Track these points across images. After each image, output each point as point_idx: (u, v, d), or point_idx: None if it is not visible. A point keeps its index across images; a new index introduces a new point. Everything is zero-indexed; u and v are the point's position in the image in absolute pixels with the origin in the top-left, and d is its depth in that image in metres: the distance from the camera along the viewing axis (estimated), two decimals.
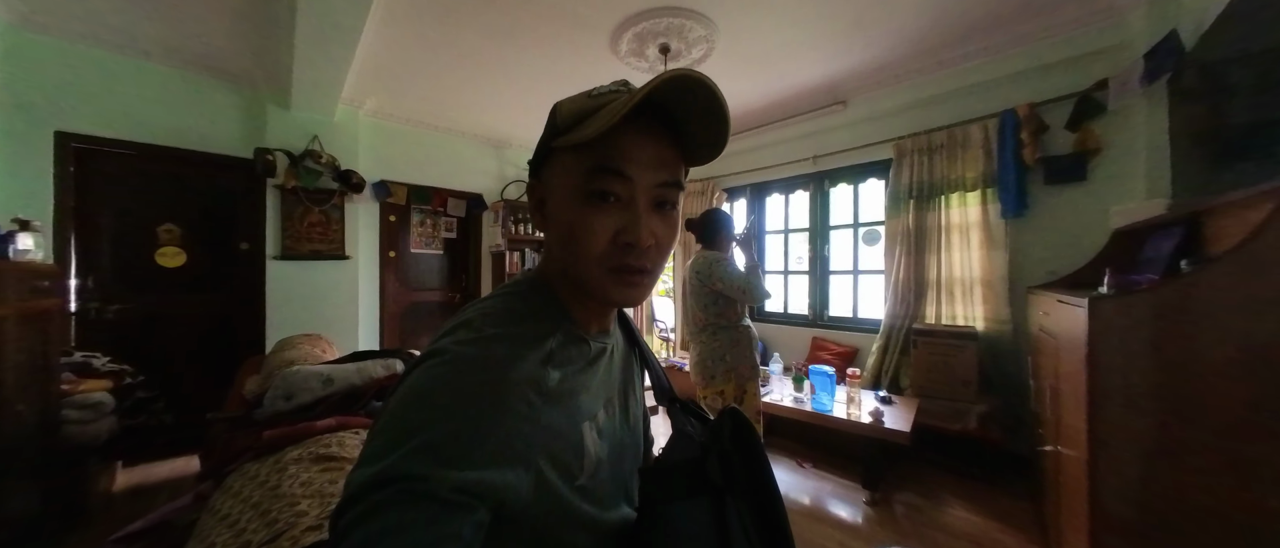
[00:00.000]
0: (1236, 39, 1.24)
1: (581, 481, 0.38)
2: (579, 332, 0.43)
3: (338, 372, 1.10)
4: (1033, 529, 1.78)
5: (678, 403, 0.54)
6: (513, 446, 0.32)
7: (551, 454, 0.36)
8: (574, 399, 0.39)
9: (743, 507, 0.42)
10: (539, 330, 0.39)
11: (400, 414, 0.32)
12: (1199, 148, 1.50)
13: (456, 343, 0.35)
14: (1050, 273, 2.17)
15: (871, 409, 2.14)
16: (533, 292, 0.43)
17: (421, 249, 3.66)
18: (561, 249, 0.41)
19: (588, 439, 0.40)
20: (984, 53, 2.43)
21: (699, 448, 0.46)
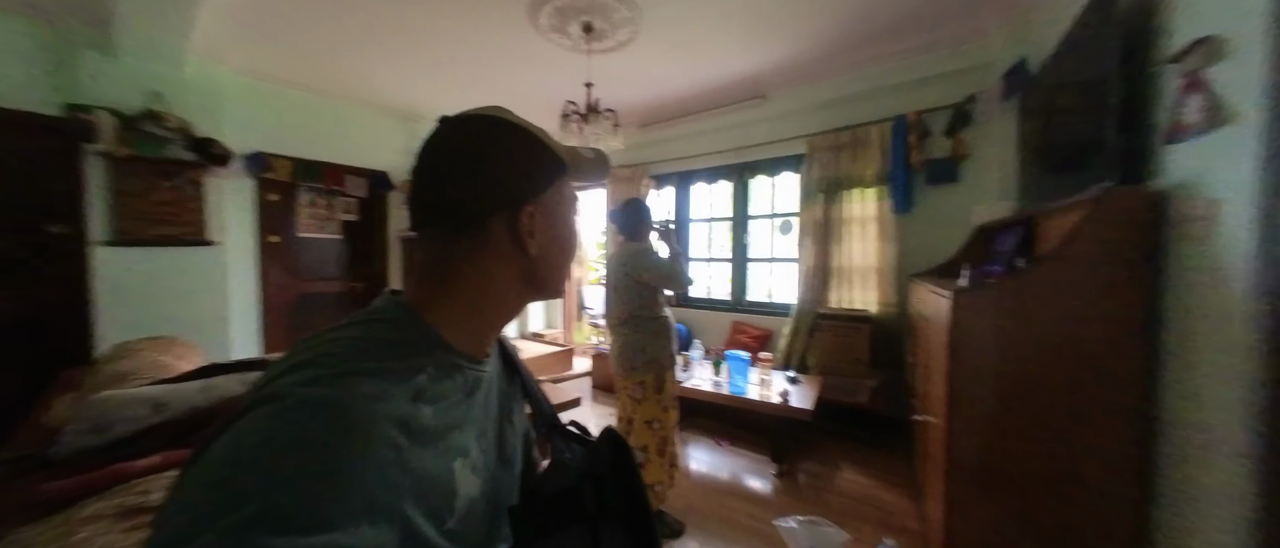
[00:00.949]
0: (1066, 70, 1.48)
1: (451, 524, 0.35)
2: (455, 360, 0.40)
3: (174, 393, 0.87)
4: (908, 486, 2.06)
5: (558, 429, 0.51)
6: (376, 498, 0.28)
7: (420, 500, 0.32)
8: (446, 437, 0.36)
9: (619, 532, 0.41)
10: (409, 364, 0.35)
11: (223, 477, 0.26)
12: (1037, 159, 1.78)
13: (301, 385, 0.30)
14: (928, 263, 2.48)
15: (781, 389, 2.31)
16: (400, 319, 0.39)
17: (314, 233, 3.22)
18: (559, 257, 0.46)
19: (460, 478, 0.37)
20: (882, 60, 2.65)
21: (574, 476, 0.44)
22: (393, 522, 0.29)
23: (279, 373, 0.31)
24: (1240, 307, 0.78)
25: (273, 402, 0.29)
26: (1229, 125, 0.83)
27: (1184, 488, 0.93)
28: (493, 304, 0.43)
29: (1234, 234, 0.81)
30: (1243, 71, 0.79)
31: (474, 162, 0.41)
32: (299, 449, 0.27)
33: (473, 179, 0.41)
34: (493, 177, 0.41)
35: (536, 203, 0.43)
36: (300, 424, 0.28)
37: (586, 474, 0.44)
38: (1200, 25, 0.91)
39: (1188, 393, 0.93)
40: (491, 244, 0.41)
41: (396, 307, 0.40)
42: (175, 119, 2.34)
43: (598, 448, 0.47)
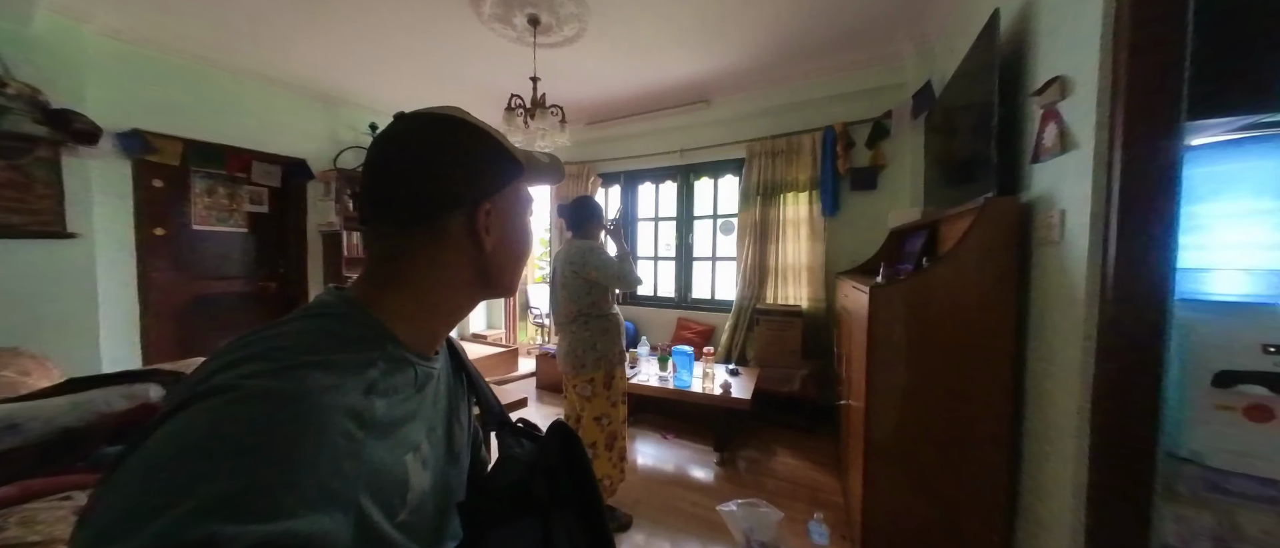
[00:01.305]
0: (961, 94, 1.70)
1: (403, 516, 0.36)
2: (405, 356, 0.40)
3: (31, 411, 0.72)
4: (834, 465, 2.27)
5: (507, 425, 0.52)
6: (331, 486, 0.29)
7: (373, 490, 0.32)
8: (399, 430, 0.37)
9: (571, 520, 0.43)
10: (360, 357, 0.35)
11: (168, 467, 0.24)
12: (939, 170, 2.04)
13: (249, 377, 0.29)
14: (851, 262, 2.73)
15: (722, 382, 2.43)
16: (348, 313, 0.38)
17: (212, 226, 2.85)
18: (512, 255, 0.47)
19: (412, 471, 0.37)
20: (814, 74, 2.87)
21: (526, 469, 0.46)
22: (347, 512, 0.30)
23: (219, 368, 0.30)
24: (1079, 296, 0.96)
25: (218, 394, 0.28)
26: (1073, 150, 1.01)
27: (1039, 446, 1.13)
28: (444, 301, 0.43)
29: (1075, 238, 0.99)
30: (1082, 107, 0.97)
31: (432, 158, 0.41)
32: (252, 438, 0.26)
33: (431, 176, 0.41)
34: (451, 174, 0.41)
35: (493, 201, 0.43)
36: (252, 414, 0.27)
37: (537, 467, 0.46)
38: (1055, 66, 1.10)
39: (1044, 368, 1.13)
40: (447, 241, 0.42)
41: (343, 302, 0.39)
42: (18, 84, 1.96)
43: (547, 441, 0.49)
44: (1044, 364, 1.13)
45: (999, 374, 1.24)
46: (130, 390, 0.85)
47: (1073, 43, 1.02)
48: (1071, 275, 1.00)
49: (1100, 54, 0.90)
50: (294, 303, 3.21)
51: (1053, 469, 1.06)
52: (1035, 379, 1.17)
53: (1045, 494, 1.10)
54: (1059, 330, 1.06)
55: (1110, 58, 0.88)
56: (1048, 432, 1.10)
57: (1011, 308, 1.22)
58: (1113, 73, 0.87)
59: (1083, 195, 0.96)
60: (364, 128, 3.38)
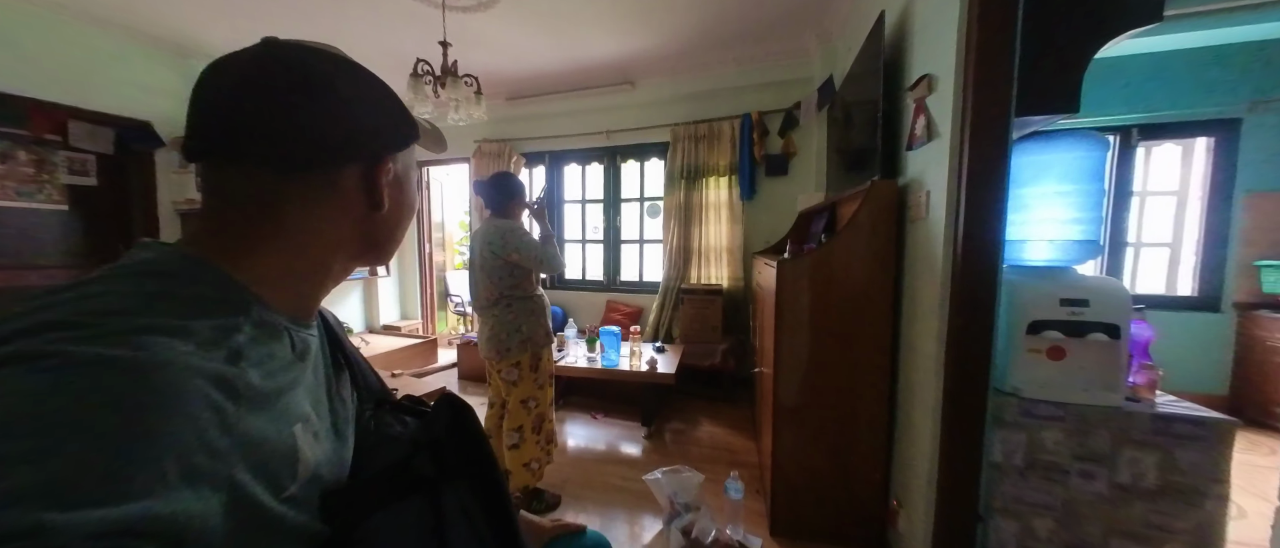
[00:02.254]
0: (854, 90, 1.90)
1: (292, 490, 0.32)
2: (276, 320, 0.35)
3: None
4: (750, 430, 2.46)
5: (387, 404, 0.49)
6: (194, 461, 0.24)
7: (253, 465, 0.28)
8: (280, 400, 0.33)
9: (464, 492, 0.42)
10: (218, 322, 0.30)
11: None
12: (838, 157, 2.26)
13: (69, 343, 0.23)
14: (766, 242, 2.94)
15: (649, 359, 2.50)
16: (190, 272, 0.32)
17: (11, 202, 2.24)
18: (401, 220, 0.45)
19: (302, 442, 0.33)
20: (731, 63, 3.00)
21: (406, 447, 0.43)
22: (218, 488, 0.26)
23: (19, 332, 0.24)
24: (938, 264, 1.14)
25: (25, 362, 0.22)
26: (936, 139, 1.18)
27: (908, 392, 1.33)
28: (319, 262, 0.39)
29: (936, 215, 1.16)
30: (942, 102, 1.13)
31: (334, 99, 0.36)
32: (86, 409, 0.22)
33: (333, 117, 0.36)
34: (358, 121, 0.37)
35: (396, 159, 0.42)
36: (83, 383, 0.23)
37: (420, 443, 0.43)
38: (925, 65, 1.26)
39: (912, 325, 1.32)
40: (335, 195, 0.37)
41: (180, 258, 0.33)
42: None
43: (434, 415, 0.46)
44: (913, 323, 1.32)
45: (879, 333, 1.42)
46: None
47: (937, 45, 1.18)
48: (933, 247, 1.18)
49: (956, 57, 1.06)
50: None
51: (917, 412, 1.26)
52: (907, 336, 1.37)
53: (911, 434, 1.31)
54: (924, 294, 1.24)
55: (962, 60, 1.04)
56: (914, 379, 1.30)
57: (890, 276, 1.41)
58: (964, 74, 1.03)
59: (942, 178, 1.12)
60: None
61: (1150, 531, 1.00)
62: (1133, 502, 1.01)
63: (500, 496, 0.43)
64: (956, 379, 1.08)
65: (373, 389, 0.50)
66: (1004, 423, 1.07)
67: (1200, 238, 2.64)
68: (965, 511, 1.09)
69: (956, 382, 1.08)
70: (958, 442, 1.08)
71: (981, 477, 1.08)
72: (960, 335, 1.07)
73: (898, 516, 1.37)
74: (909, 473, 1.32)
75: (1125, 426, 1.00)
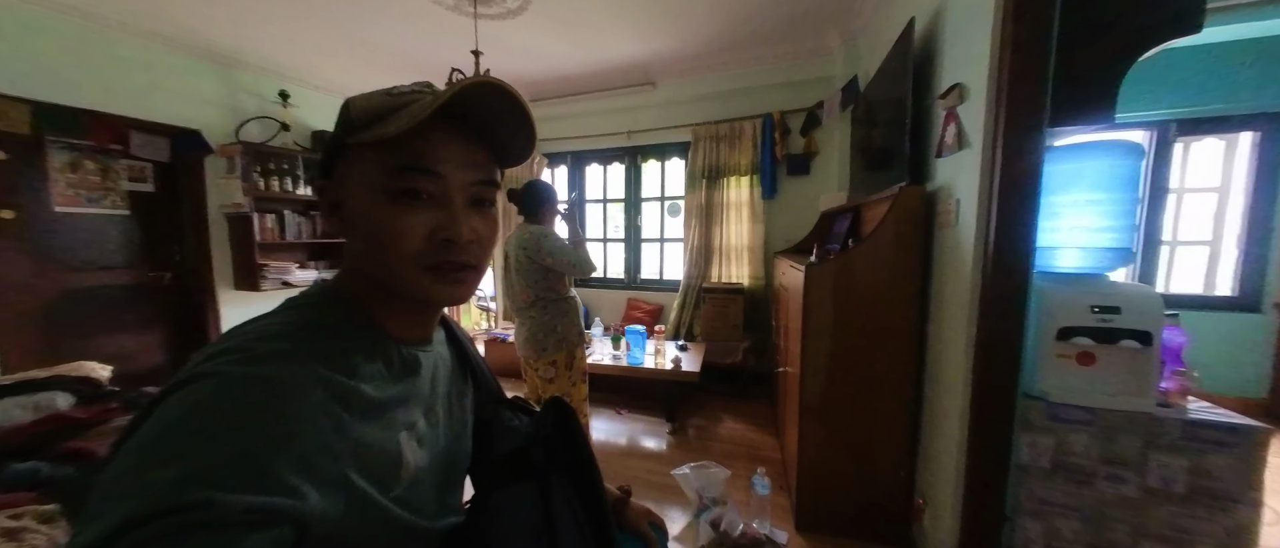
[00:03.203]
0: (881, 90, 1.90)
1: (398, 491, 0.38)
2: (390, 343, 0.41)
3: None
4: (771, 427, 2.51)
5: (504, 401, 0.56)
6: (315, 460, 0.29)
7: (363, 467, 0.34)
8: (389, 412, 0.38)
9: (566, 483, 0.48)
10: (340, 344, 0.36)
11: (148, 448, 0.26)
12: (862, 159, 2.27)
13: (231, 364, 0.30)
14: (787, 242, 2.96)
15: (672, 357, 2.56)
16: (328, 305, 0.39)
17: (80, 207, 2.41)
18: (368, 253, 0.38)
19: (406, 449, 0.39)
20: (753, 63, 3.00)
21: (524, 439, 0.50)
22: (336, 487, 0.31)
23: (203, 359, 0.31)
24: (967, 269, 1.16)
25: (202, 380, 0.29)
26: (966, 148, 1.20)
27: (934, 394, 1.36)
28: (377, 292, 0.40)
29: (966, 222, 1.19)
30: (974, 111, 1.15)
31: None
32: (236, 415, 0.27)
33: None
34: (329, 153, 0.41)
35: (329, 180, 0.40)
36: (235, 394, 0.28)
37: (534, 437, 0.50)
38: (956, 74, 1.28)
39: (939, 330, 1.35)
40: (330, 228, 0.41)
41: (322, 292, 0.40)
42: None
43: (542, 415, 0.53)
44: (939, 327, 1.35)
45: (904, 336, 1.45)
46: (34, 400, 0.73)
47: (968, 55, 1.20)
48: (962, 254, 1.20)
49: (989, 68, 1.07)
50: (193, 295, 2.84)
51: (943, 413, 1.29)
52: (934, 340, 1.40)
53: (938, 434, 1.34)
54: (952, 299, 1.27)
55: (995, 73, 1.06)
56: (940, 382, 1.33)
57: (916, 280, 1.43)
58: (996, 84, 1.05)
59: (973, 187, 1.14)
60: (272, 96, 2.99)
61: (1179, 534, 1.02)
62: (1161, 505, 1.03)
63: (597, 492, 0.50)
64: (984, 383, 1.11)
65: (493, 391, 0.57)
66: (1031, 426, 1.10)
67: (1242, 236, 2.56)
68: (992, 510, 1.12)
69: (984, 385, 1.11)
70: (985, 444, 1.12)
71: (1009, 478, 1.11)
72: (989, 340, 1.09)
73: (923, 513, 1.41)
74: (934, 472, 1.36)
75: (1155, 431, 1.02)
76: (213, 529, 0.23)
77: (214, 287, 2.84)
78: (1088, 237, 1.12)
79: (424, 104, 0.35)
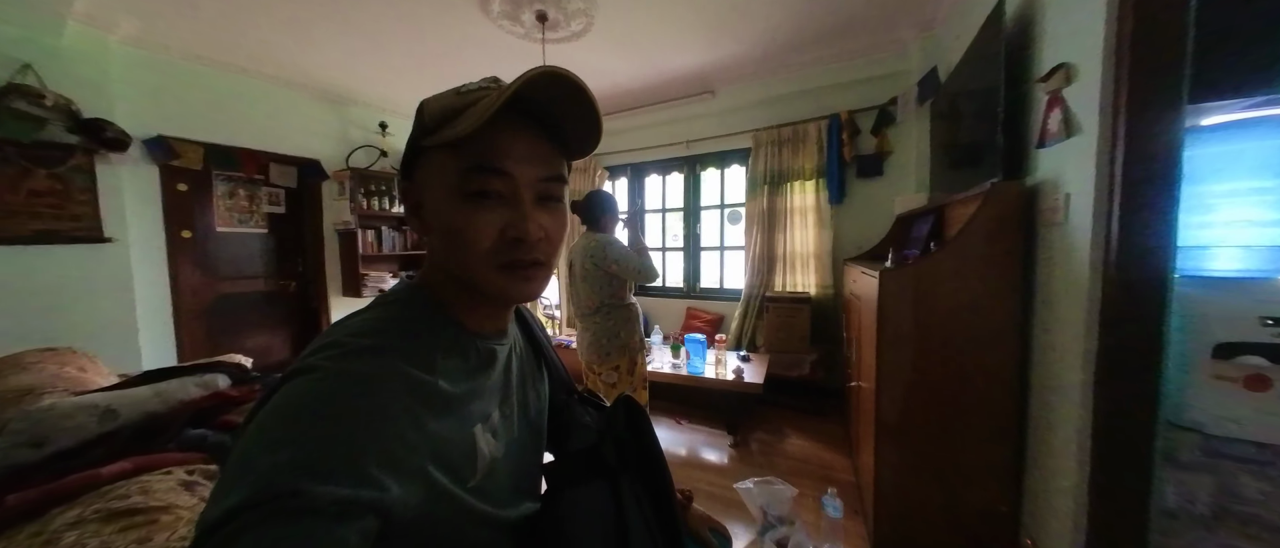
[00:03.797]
0: (966, 80, 1.73)
1: (474, 482, 0.40)
2: (467, 337, 0.43)
3: (123, 399, 0.81)
4: (843, 445, 2.33)
5: (576, 395, 0.58)
6: (396, 454, 0.32)
7: (440, 460, 0.36)
8: (465, 406, 0.40)
9: (636, 483, 0.49)
10: (421, 341, 0.38)
11: (260, 435, 0.29)
12: (944, 155, 2.07)
13: (326, 359, 0.34)
14: (858, 248, 2.76)
15: (734, 368, 2.49)
16: (412, 301, 0.42)
17: (233, 227, 2.92)
18: (446, 251, 0.40)
19: (481, 442, 0.41)
20: (818, 62, 2.88)
21: (595, 436, 0.51)
22: (415, 478, 0.33)
23: (312, 351, 0.35)
24: (1083, 275, 1.00)
25: (306, 373, 0.33)
26: (1077, 135, 1.05)
27: (1044, 419, 1.18)
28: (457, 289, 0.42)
29: (1078, 220, 1.03)
30: (1086, 93, 1.01)
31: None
32: (327, 410, 0.30)
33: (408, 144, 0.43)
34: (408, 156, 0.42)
35: (411, 181, 0.42)
36: (327, 390, 0.31)
37: (606, 434, 0.51)
38: (1060, 53, 1.13)
39: (1048, 344, 1.17)
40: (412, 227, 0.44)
41: (409, 290, 0.43)
42: (53, 95, 2.02)
43: (613, 411, 0.54)
44: (1048, 341, 1.18)
45: (1002, 351, 1.28)
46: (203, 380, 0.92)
47: (1077, 31, 1.05)
48: (1075, 256, 1.04)
49: (1104, 42, 0.93)
50: (311, 302, 3.29)
51: (1057, 441, 1.12)
52: (1040, 355, 1.22)
53: (1049, 465, 1.16)
54: (1062, 309, 1.10)
55: (1114, 45, 0.91)
56: (1051, 406, 1.15)
57: (1016, 288, 1.26)
58: (1116, 60, 0.91)
59: (1086, 179, 0.99)
60: (374, 127, 3.42)
61: None
62: None
63: (668, 495, 0.49)
64: (1111, 409, 0.95)
65: (564, 382, 0.59)
66: (1179, 463, 0.91)
67: None
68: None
69: (1111, 412, 0.94)
70: (1115, 482, 0.95)
71: (1149, 525, 0.93)
72: (1115, 359, 0.93)
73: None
74: (1046, 510, 1.17)
75: None
76: (306, 516, 0.26)
77: (326, 293, 3.28)
78: (1252, 233, 0.92)
79: (489, 100, 0.36)
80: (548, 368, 0.57)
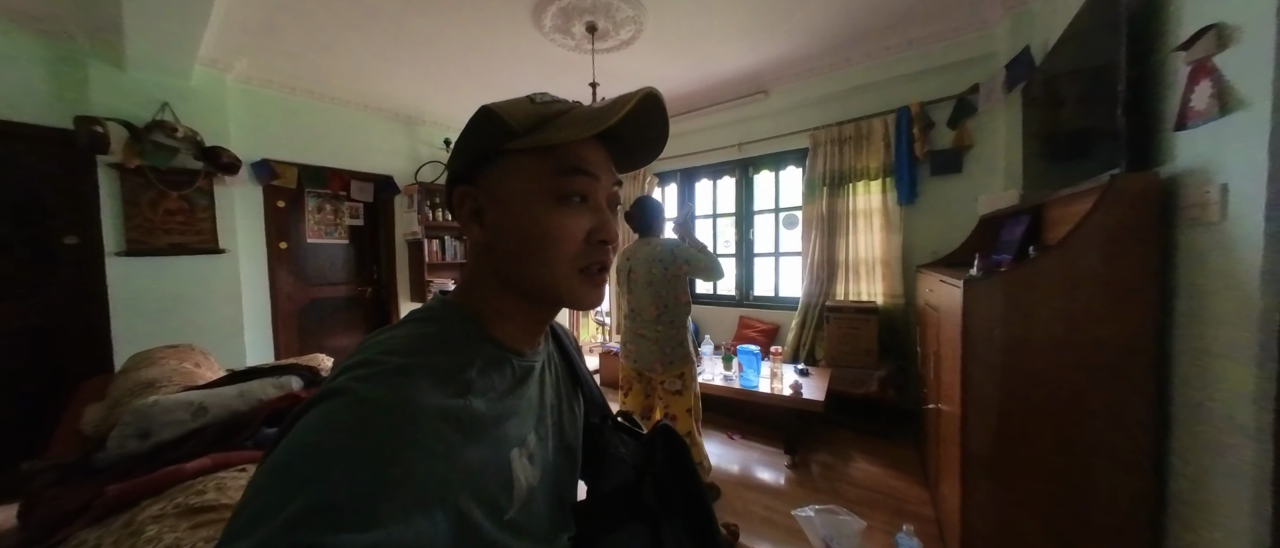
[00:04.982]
0: (1071, 58, 1.49)
1: (511, 515, 0.36)
2: (501, 353, 0.40)
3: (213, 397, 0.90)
4: (917, 473, 2.09)
5: (610, 420, 0.53)
6: (426, 491, 0.29)
7: (475, 492, 0.33)
8: (500, 427, 0.37)
9: (677, 526, 0.43)
10: (456, 359, 0.36)
11: (283, 469, 0.27)
12: (1042, 147, 1.80)
13: (356, 380, 0.31)
14: (934, 253, 2.49)
15: (792, 383, 2.33)
16: (446, 316, 0.40)
17: (321, 239, 3.24)
18: (521, 256, 0.39)
19: (517, 468, 0.38)
20: (884, 52, 2.66)
21: (633, 471, 0.46)
22: (446, 514, 0.30)
23: (342, 369, 0.33)
24: (1252, 285, 0.80)
25: (332, 397, 0.30)
26: (1238, 111, 0.84)
27: (1194, 467, 0.95)
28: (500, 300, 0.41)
29: (1244, 217, 0.82)
30: (1251, 58, 0.81)
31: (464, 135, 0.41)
32: (355, 442, 0.28)
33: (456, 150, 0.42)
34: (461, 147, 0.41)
35: (475, 184, 0.40)
36: (353, 420, 0.29)
37: (644, 470, 0.45)
38: (1207, 13, 0.92)
39: (1199, 373, 0.95)
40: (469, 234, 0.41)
41: (443, 305, 0.41)
42: (184, 129, 2.36)
43: (651, 443, 0.48)
44: (1199, 369, 0.95)
45: (1135, 380, 1.06)
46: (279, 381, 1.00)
47: None
48: (1239, 261, 0.83)
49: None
50: (385, 306, 3.57)
51: (1217, 495, 0.90)
52: (1185, 386, 1.00)
53: (1207, 522, 0.93)
54: (1220, 328, 0.89)
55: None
56: (1206, 451, 0.93)
57: (1150, 302, 1.05)
58: None
59: (1255, 164, 0.79)
60: (439, 144, 3.67)
61: None
62: None
63: (712, 537, 0.44)
64: None
65: (598, 404, 0.55)
66: None
67: None
68: None
69: None
70: None
71: None
72: None
73: None
74: None
75: None
76: None
77: (397, 298, 3.54)
78: None
79: (598, 111, 0.37)
80: (583, 388, 0.53)
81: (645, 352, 1.80)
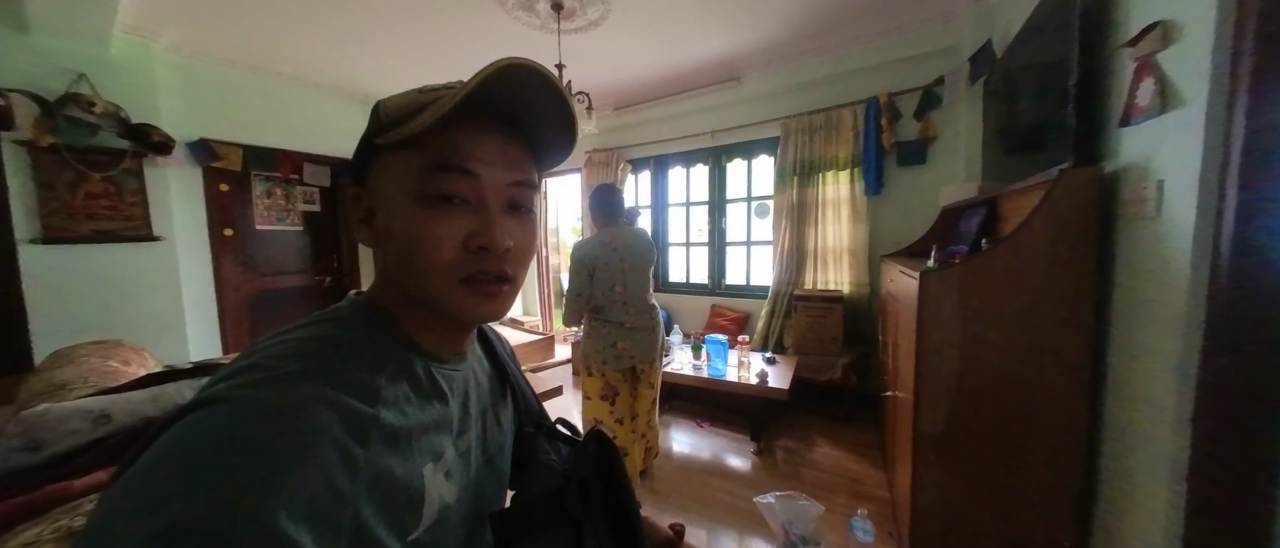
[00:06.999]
0: (1028, 52, 1.51)
1: (417, 534, 0.33)
2: (418, 359, 0.37)
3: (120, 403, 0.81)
4: (876, 455, 2.16)
5: (544, 429, 0.50)
6: (319, 507, 0.25)
7: (378, 508, 0.30)
8: (413, 441, 0.34)
9: (601, 530, 0.41)
10: (365, 365, 0.32)
11: (142, 482, 0.23)
12: (1000, 141, 1.84)
13: (242, 388, 0.27)
14: (898, 243, 2.55)
15: (758, 371, 2.36)
16: (358, 318, 0.36)
17: (272, 226, 3.04)
18: (399, 263, 0.35)
19: (430, 485, 0.35)
20: (853, 42, 2.66)
21: (560, 478, 0.43)
22: (341, 533, 0.27)
23: (222, 376, 0.29)
24: (1181, 280, 0.83)
25: (211, 405, 0.26)
26: (1176, 109, 0.86)
27: (1122, 453, 1.00)
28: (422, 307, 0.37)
29: (1176, 212, 0.85)
30: (1191, 55, 0.82)
31: None
32: (234, 454, 0.24)
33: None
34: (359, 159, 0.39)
35: (362, 188, 0.37)
36: (237, 427, 0.25)
37: (571, 476, 0.43)
38: (1152, 10, 0.93)
39: (1129, 363, 0.99)
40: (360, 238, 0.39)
41: (353, 307, 0.37)
42: (103, 103, 2.13)
43: (583, 449, 0.46)
44: (1129, 357, 1.00)
45: (1072, 369, 1.10)
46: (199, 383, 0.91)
47: None
48: (1170, 256, 0.86)
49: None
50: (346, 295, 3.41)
51: (1140, 474, 0.94)
52: (1118, 376, 1.04)
53: (1127, 508, 0.98)
54: (1151, 321, 0.92)
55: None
56: (1132, 431, 0.97)
57: (1088, 294, 1.08)
58: (1237, 10, 0.72)
59: (1189, 162, 0.81)
60: None
61: None
62: None
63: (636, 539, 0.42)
64: (1217, 441, 0.77)
65: (533, 412, 0.52)
66: None
67: None
68: None
69: (1218, 452, 0.77)
70: (1221, 529, 0.78)
71: None
72: (1224, 381, 0.76)
73: None
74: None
75: None
76: None
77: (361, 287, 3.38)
78: None
79: (451, 94, 0.32)
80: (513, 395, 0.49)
81: (644, 343, 1.78)
